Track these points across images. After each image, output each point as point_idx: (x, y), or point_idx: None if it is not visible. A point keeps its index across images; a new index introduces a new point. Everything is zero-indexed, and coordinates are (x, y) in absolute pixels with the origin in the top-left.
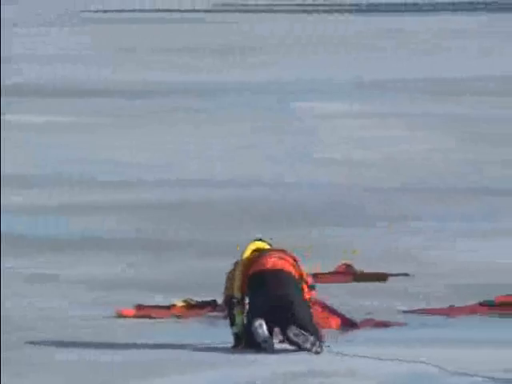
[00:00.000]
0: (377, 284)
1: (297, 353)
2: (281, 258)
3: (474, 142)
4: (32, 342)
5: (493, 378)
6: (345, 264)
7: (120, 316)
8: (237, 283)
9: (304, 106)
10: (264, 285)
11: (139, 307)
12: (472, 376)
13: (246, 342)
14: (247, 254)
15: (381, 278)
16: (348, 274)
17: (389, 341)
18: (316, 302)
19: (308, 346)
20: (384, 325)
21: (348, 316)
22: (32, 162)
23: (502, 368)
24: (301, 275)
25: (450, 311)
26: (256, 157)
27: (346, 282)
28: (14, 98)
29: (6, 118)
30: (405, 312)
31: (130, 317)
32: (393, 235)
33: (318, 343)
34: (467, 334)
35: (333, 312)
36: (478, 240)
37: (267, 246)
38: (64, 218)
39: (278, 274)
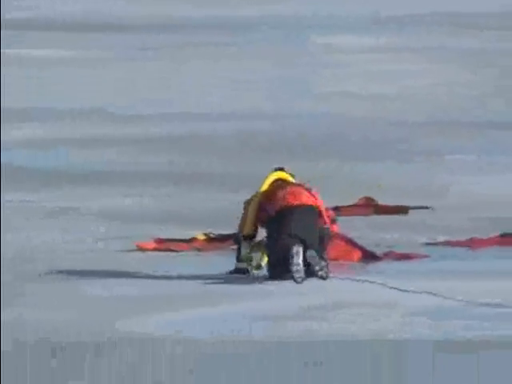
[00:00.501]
0: (397, 217)
1: (315, 284)
2: (301, 193)
3: (492, 75)
4: (50, 273)
5: None
6: (365, 197)
7: (139, 249)
8: (250, 218)
9: (320, 41)
10: (290, 221)
11: (159, 240)
12: (495, 307)
13: (275, 269)
14: (266, 186)
15: (402, 210)
16: (369, 206)
17: (411, 273)
18: (337, 235)
19: (317, 268)
20: (406, 257)
21: (369, 249)
22: (32, 96)
23: None
24: (319, 208)
25: (472, 243)
26: (267, 90)
27: (366, 214)
28: (13, 32)
29: (6, 52)
30: (426, 244)
31: (149, 250)
32: (405, 169)
33: (326, 269)
34: (489, 266)
35: (354, 245)
36: (495, 174)
37: (289, 178)
38: (65, 150)
39: (303, 209)
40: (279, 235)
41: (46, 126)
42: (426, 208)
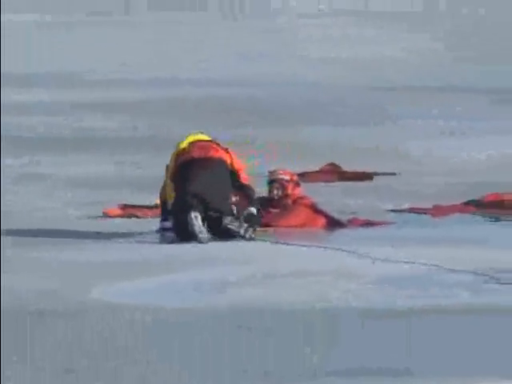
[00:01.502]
0: (362, 183)
1: (277, 251)
2: (210, 147)
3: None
4: (17, 243)
5: (491, 276)
6: (331, 163)
7: (106, 215)
8: (169, 175)
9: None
10: (192, 173)
11: (124, 207)
12: (460, 273)
13: (176, 232)
14: (183, 145)
15: (366, 176)
16: (333, 173)
17: (376, 240)
18: (302, 201)
19: (242, 231)
20: (371, 224)
21: (334, 215)
22: (31, 61)
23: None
24: (233, 167)
25: (436, 210)
26: (231, 55)
27: (331, 181)
28: None
29: (6, 16)
30: (391, 211)
31: (115, 216)
32: (375, 134)
33: (251, 230)
34: (453, 233)
35: (319, 211)
36: (464, 139)
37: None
38: (52, 117)
39: (206, 161)
40: (180, 193)
41: (16, 91)
42: (391, 174)
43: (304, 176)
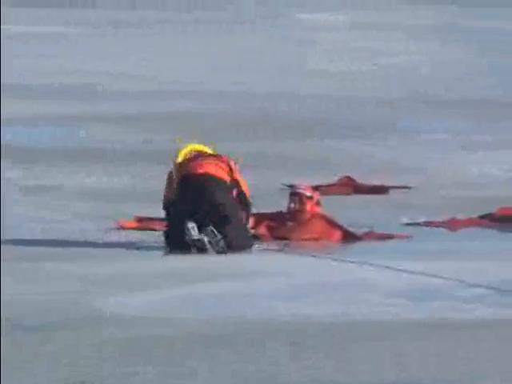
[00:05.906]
0: (378, 196)
1: (293, 264)
2: (211, 163)
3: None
4: (28, 255)
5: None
6: (346, 176)
7: (120, 228)
8: (174, 186)
9: (304, 17)
10: (192, 189)
11: (139, 219)
12: (477, 287)
13: (172, 242)
14: (181, 155)
15: (381, 190)
16: (349, 186)
17: (392, 253)
18: (317, 215)
19: (212, 244)
20: (387, 237)
21: (349, 229)
22: (32, 72)
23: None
24: (234, 181)
25: (452, 224)
26: (248, 67)
27: (346, 194)
28: (14, 9)
29: (5, 27)
30: (406, 224)
31: (130, 229)
32: (392, 148)
33: (221, 244)
34: (469, 247)
35: (334, 225)
36: (479, 153)
37: (206, 150)
38: (64, 128)
39: (206, 178)
40: (177, 207)
41: (27, 102)
42: (406, 188)
43: (319, 189)
